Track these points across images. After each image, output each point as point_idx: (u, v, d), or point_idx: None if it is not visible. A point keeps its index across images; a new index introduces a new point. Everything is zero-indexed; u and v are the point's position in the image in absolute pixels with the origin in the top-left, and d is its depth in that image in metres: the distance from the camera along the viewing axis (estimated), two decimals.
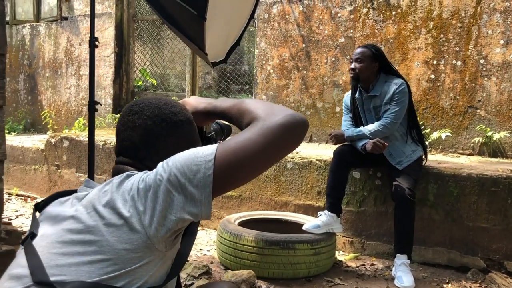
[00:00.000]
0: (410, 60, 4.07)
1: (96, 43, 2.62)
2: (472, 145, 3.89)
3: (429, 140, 3.90)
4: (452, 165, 3.28)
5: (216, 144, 0.96)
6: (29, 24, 6.37)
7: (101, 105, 2.97)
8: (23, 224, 3.85)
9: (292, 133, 0.96)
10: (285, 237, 2.79)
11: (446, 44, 3.94)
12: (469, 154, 3.88)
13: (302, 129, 0.98)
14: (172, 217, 0.93)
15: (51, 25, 6.15)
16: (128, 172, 1.03)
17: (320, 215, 3.01)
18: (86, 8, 5.83)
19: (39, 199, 4.69)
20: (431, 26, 3.98)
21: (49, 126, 5.86)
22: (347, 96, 3.25)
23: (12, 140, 5.31)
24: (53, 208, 1.06)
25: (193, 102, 1.21)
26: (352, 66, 3.03)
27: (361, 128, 3.04)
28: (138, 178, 0.98)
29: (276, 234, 2.82)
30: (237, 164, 0.94)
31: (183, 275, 2.70)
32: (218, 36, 2.64)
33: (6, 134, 5.72)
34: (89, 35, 2.60)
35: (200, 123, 1.22)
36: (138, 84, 6.08)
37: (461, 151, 3.92)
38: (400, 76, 3.05)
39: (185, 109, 1.17)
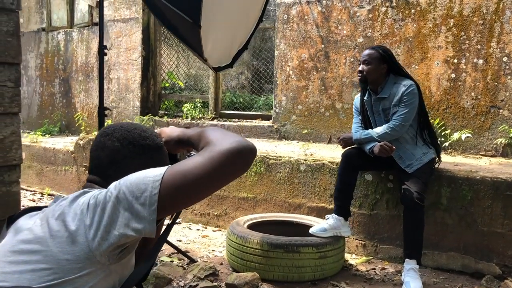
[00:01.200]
0: (430, 59, 3.97)
1: (106, 51, 2.71)
2: (494, 146, 3.75)
3: (450, 141, 3.79)
4: (467, 168, 3.19)
5: (167, 167, 1.00)
6: (63, 30, 6.65)
7: (110, 110, 3.08)
8: None
9: (238, 158, 1.00)
10: (290, 240, 2.80)
11: (467, 42, 3.81)
12: (491, 156, 3.75)
13: (249, 155, 1.01)
14: (115, 232, 0.98)
15: (83, 31, 6.38)
16: (86, 189, 1.10)
17: (328, 218, 3.00)
18: (115, 14, 6.02)
19: None
20: (452, 23, 3.87)
21: (81, 128, 6.10)
22: (357, 98, 3.21)
23: (46, 142, 5.57)
24: (21, 221, 1.13)
25: (168, 131, 1.29)
26: (360, 68, 2.99)
27: (369, 131, 3.00)
28: (91, 195, 1.04)
29: (281, 237, 2.84)
30: (183, 185, 0.98)
31: (189, 276, 2.77)
32: (221, 41, 2.68)
33: (40, 136, 6.01)
34: (118, 39, 2.71)
35: (173, 151, 1.29)
36: (166, 86, 6.22)
37: (483, 153, 3.80)
38: (410, 78, 3.00)
39: (155, 135, 1.24)
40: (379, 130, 2.96)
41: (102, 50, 2.69)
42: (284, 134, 4.71)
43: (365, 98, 3.08)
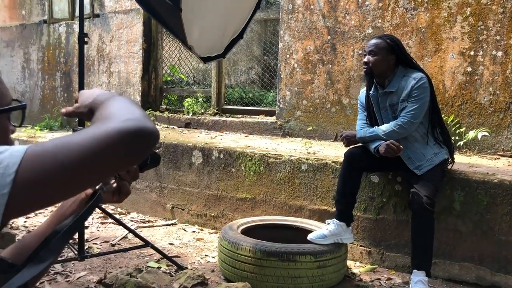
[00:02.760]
0: (444, 51, 3.68)
1: (86, 39, 2.49)
2: None
3: (465, 140, 3.50)
4: (483, 170, 2.90)
5: (26, 147, 0.70)
6: (64, 22, 6.46)
7: None
8: (39, 222, 3.85)
9: (125, 143, 0.72)
10: (285, 248, 2.56)
11: (485, 32, 3.51)
12: (510, 156, 3.45)
13: (143, 141, 0.73)
14: None
15: (84, 23, 6.18)
16: None
17: (328, 224, 2.75)
18: (117, 5, 5.81)
19: None
20: (468, 12, 3.57)
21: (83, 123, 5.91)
22: (362, 93, 2.95)
23: (44, 137, 5.39)
24: None
25: (87, 94, 0.98)
26: (365, 59, 2.73)
27: (375, 128, 2.74)
28: None
29: (276, 244, 2.59)
30: (52, 171, 0.68)
31: (175, 285, 2.54)
32: (211, 28, 2.44)
33: (39, 131, 5.82)
34: (119, 31, 2.49)
35: (88, 121, 1.00)
36: (168, 79, 6.01)
37: (501, 153, 3.49)
38: (420, 70, 2.72)
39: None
40: (385, 127, 2.69)
41: (82, 38, 2.46)
42: (288, 131, 4.45)
43: (370, 92, 2.81)
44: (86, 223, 3.82)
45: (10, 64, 7.33)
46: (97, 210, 3.44)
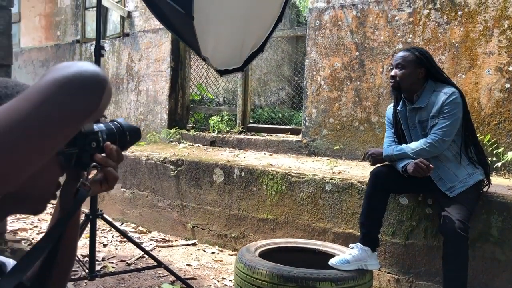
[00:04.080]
0: (480, 67, 3.47)
1: (102, 51, 2.44)
2: None
3: (503, 161, 3.25)
4: None
5: None
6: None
7: (105, 118, 2.79)
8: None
9: (69, 88, 0.61)
10: (304, 273, 2.38)
11: None
12: None
13: (85, 84, 0.62)
14: None
15: (115, 42, 6.27)
16: None
17: (352, 248, 2.56)
18: (146, 24, 5.86)
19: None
20: (506, 26, 3.36)
21: None
22: (389, 109, 2.78)
23: None
24: None
25: None
26: (392, 73, 2.57)
27: (403, 146, 2.56)
28: None
29: (294, 268, 2.42)
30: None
31: None
32: (228, 40, 2.35)
33: None
34: (148, 50, 2.45)
35: None
36: (195, 98, 5.98)
37: None
38: (452, 84, 2.54)
39: (12, 86, 0.84)
40: (414, 145, 2.51)
41: (98, 51, 2.41)
42: (314, 150, 4.29)
43: (398, 108, 2.64)
44: (105, 241, 3.75)
45: None
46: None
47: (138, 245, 2.80)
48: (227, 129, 5.18)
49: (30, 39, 7.75)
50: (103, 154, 0.87)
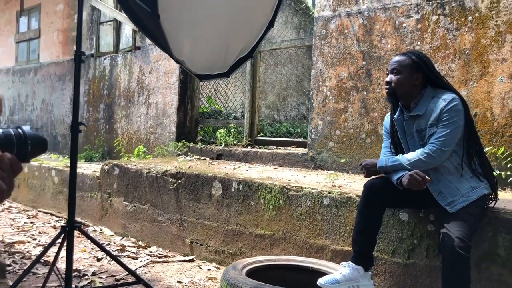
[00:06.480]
0: (492, 75, 3.25)
1: (83, 57, 2.37)
2: None
3: None
4: None
5: None
6: (109, 55, 6.60)
7: (85, 126, 2.72)
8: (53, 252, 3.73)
9: None
10: None
11: None
12: None
13: None
14: None
15: (127, 55, 6.28)
16: None
17: (344, 267, 2.37)
18: None
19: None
20: None
21: (121, 154, 5.91)
22: (387, 118, 2.61)
23: (79, 167, 5.39)
24: None
25: None
26: (388, 79, 2.40)
27: (399, 157, 2.37)
28: None
29: (278, 287, 2.25)
30: None
31: None
32: (208, 43, 2.23)
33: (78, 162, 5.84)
34: (158, 62, 2.39)
35: None
36: (204, 111, 5.90)
37: None
38: (452, 90, 2.35)
39: None
40: (411, 156, 2.32)
41: (79, 57, 2.33)
42: (319, 163, 4.12)
43: (395, 116, 2.47)
44: (100, 255, 3.65)
45: (61, 97, 7.59)
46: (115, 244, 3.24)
47: (116, 259, 2.69)
48: (234, 142, 5.06)
49: (48, 54, 7.88)
50: None
